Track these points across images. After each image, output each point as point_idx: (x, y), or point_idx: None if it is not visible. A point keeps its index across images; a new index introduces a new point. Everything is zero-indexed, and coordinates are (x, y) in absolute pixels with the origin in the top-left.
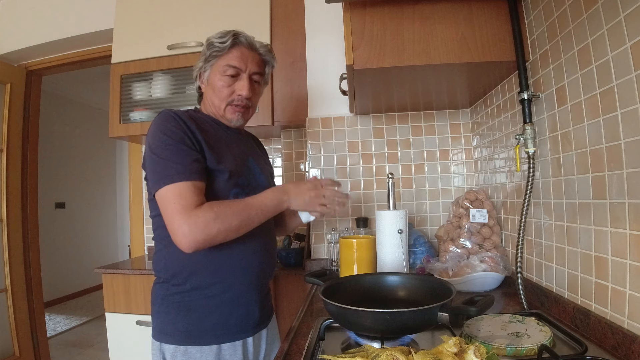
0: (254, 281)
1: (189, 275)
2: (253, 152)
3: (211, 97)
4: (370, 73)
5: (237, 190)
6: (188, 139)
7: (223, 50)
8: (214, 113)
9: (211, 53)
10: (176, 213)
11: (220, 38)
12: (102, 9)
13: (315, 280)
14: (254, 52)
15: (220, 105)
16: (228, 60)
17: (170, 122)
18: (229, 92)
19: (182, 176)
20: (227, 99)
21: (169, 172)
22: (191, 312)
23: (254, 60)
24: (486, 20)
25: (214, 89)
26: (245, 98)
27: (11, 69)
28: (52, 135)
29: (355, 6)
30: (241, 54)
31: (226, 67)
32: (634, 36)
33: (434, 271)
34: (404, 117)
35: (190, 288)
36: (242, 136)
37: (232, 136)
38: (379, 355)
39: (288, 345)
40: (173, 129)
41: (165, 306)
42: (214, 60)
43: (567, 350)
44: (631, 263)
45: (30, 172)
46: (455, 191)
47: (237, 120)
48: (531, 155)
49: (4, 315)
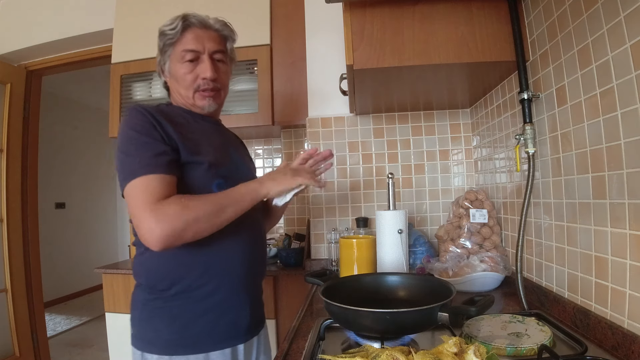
0: (242, 282)
1: (172, 280)
2: (234, 144)
3: (177, 88)
4: (370, 73)
5: (220, 181)
6: (156, 131)
7: (175, 36)
8: (185, 104)
9: (165, 43)
10: (140, 208)
11: (169, 25)
12: (102, 9)
13: (315, 280)
14: (209, 31)
15: (187, 94)
16: (183, 45)
17: (137, 118)
18: (193, 77)
19: (147, 169)
20: (193, 86)
21: (133, 167)
22: (175, 319)
23: (211, 39)
24: (486, 20)
25: (177, 79)
26: (210, 80)
27: (11, 69)
28: (52, 135)
29: (355, 6)
30: (195, 35)
31: (183, 53)
32: (634, 36)
33: (434, 271)
34: (404, 117)
35: (174, 293)
36: (221, 128)
37: (210, 127)
38: (379, 355)
39: (288, 345)
40: (140, 123)
41: (147, 312)
42: (169, 49)
43: (567, 350)
44: (631, 263)
45: (30, 172)
46: (455, 191)
47: (210, 105)
48: (531, 155)
49: (4, 315)
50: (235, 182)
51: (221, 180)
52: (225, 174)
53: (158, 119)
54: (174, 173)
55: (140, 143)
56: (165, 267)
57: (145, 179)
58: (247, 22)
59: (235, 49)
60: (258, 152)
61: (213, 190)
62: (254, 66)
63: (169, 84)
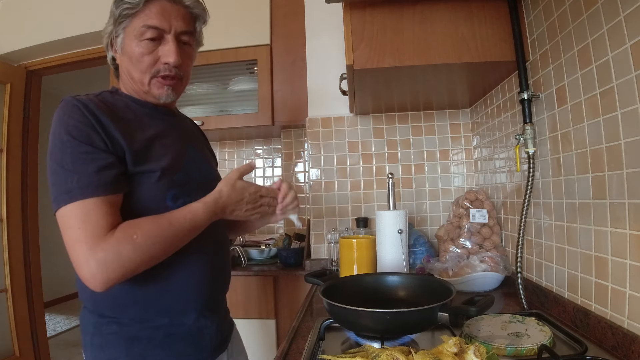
0: (206, 303)
1: (124, 307)
2: (192, 137)
3: (129, 70)
4: (370, 73)
5: (174, 192)
6: (97, 135)
7: (137, 6)
8: (136, 90)
9: (121, 12)
10: (80, 243)
11: None
12: (102, 9)
13: (315, 280)
14: (178, 5)
15: (142, 79)
16: (145, 20)
17: (74, 116)
18: (152, 60)
19: (86, 191)
20: (151, 70)
21: (68, 187)
22: (133, 345)
23: (180, 16)
24: (486, 20)
25: (131, 59)
26: (174, 66)
27: (11, 69)
28: None
29: (355, 6)
30: (161, 9)
31: (144, 29)
32: (634, 36)
33: (434, 271)
34: (404, 117)
35: (129, 320)
36: (176, 118)
37: (162, 121)
38: (379, 355)
39: (288, 345)
40: (77, 125)
41: (100, 338)
42: (126, 21)
43: (567, 350)
44: (631, 263)
45: (30, 172)
46: (455, 191)
47: (168, 95)
48: (531, 155)
49: (4, 315)
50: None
51: (176, 189)
52: (180, 181)
53: (99, 117)
54: (120, 190)
55: (78, 153)
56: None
57: (85, 204)
58: (247, 22)
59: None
60: (258, 152)
61: (167, 202)
62: (254, 66)
63: (118, 62)
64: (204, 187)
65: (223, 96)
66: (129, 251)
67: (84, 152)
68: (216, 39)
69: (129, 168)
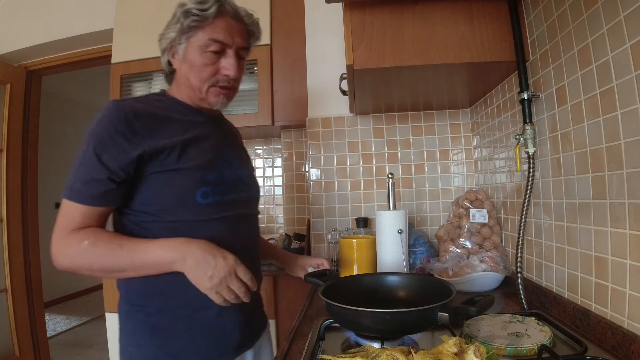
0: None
1: (151, 296)
2: (231, 141)
3: (188, 77)
4: (370, 73)
5: (205, 189)
6: (113, 146)
7: (205, 19)
8: (190, 95)
9: (189, 24)
10: (56, 229)
11: (200, 4)
12: (102, 9)
13: (315, 280)
14: (239, 23)
15: (200, 87)
16: (212, 33)
17: (105, 123)
18: (212, 71)
19: (75, 194)
20: (210, 80)
21: (68, 184)
22: (157, 334)
23: (240, 32)
24: (486, 20)
25: (192, 67)
26: (232, 79)
27: (11, 69)
28: (52, 135)
29: (355, 6)
30: (227, 25)
31: (209, 42)
32: (634, 36)
33: (434, 271)
34: (404, 117)
35: (155, 310)
36: (218, 123)
37: (204, 124)
38: (379, 355)
39: (288, 345)
40: (101, 134)
41: (130, 325)
42: (192, 32)
43: (567, 350)
44: (631, 263)
45: (30, 172)
46: (455, 191)
47: (222, 103)
48: (531, 155)
49: (4, 315)
50: (226, 188)
51: (207, 187)
52: (213, 181)
53: (133, 124)
54: (105, 204)
55: (86, 158)
56: (142, 282)
57: (70, 204)
58: None
59: None
60: (258, 152)
61: (197, 199)
62: (254, 66)
63: (176, 67)
64: (237, 188)
65: None
66: (74, 250)
67: (88, 159)
68: None
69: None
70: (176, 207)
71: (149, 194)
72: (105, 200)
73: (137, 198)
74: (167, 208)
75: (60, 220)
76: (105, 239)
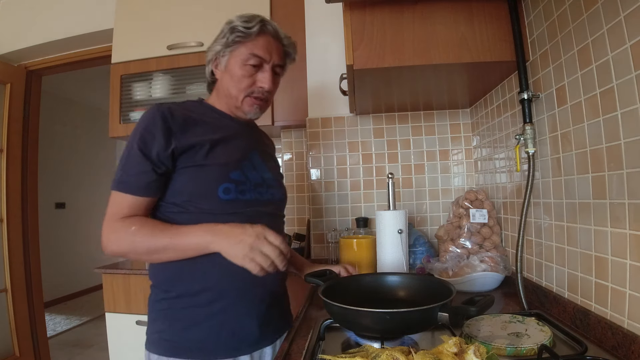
0: (248, 290)
1: (174, 281)
2: (260, 146)
3: (228, 86)
4: (370, 73)
5: (227, 186)
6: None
7: (248, 36)
8: (227, 103)
9: (234, 39)
10: (106, 217)
11: (246, 22)
12: (102, 9)
13: (315, 280)
14: (278, 42)
15: (237, 96)
16: (252, 49)
17: (147, 121)
18: (250, 82)
19: (123, 186)
20: (247, 90)
21: (117, 177)
22: (176, 322)
23: (278, 51)
24: (486, 20)
25: (232, 78)
26: (266, 91)
27: (11, 69)
28: (52, 135)
29: (355, 6)
30: (267, 42)
31: (249, 56)
32: (634, 36)
33: (434, 271)
34: (404, 117)
35: (176, 295)
36: (249, 129)
37: (233, 128)
38: (379, 355)
39: (288, 345)
40: (143, 132)
41: (155, 313)
42: (235, 45)
43: (567, 350)
44: (631, 263)
45: (30, 172)
46: (455, 191)
47: (255, 113)
48: (531, 155)
49: (4, 315)
50: (248, 187)
51: (229, 184)
52: (235, 179)
53: (170, 124)
54: (149, 194)
55: (131, 155)
56: (168, 267)
57: (119, 194)
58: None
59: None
60: None
61: (219, 194)
62: None
63: (218, 77)
64: (259, 188)
65: None
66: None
67: (134, 155)
68: None
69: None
70: (199, 199)
71: (178, 186)
72: (149, 191)
73: (169, 190)
74: (191, 199)
75: (110, 210)
76: (150, 225)
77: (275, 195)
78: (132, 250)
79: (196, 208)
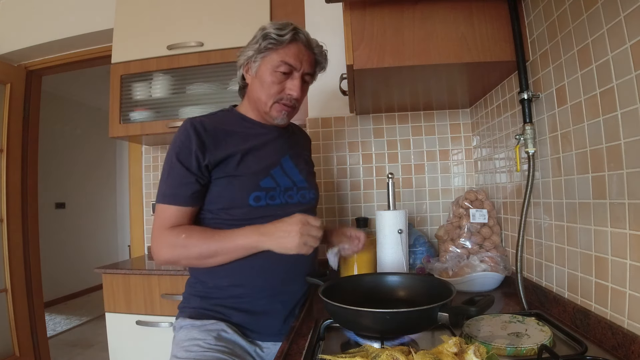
0: (277, 289)
1: (208, 273)
2: (292, 150)
3: (258, 91)
4: (370, 73)
5: (257, 194)
6: (191, 157)
7: (280, 44)
8: (256, 108)
9: (266, 45)
10: (155, 229)
11: (278, 30)
12: (102, 9)
13: (315, 280)
14: (309, 51)
15: (266, 102)
16: (284, 56)
17: (181, 138)
18: (279, 89)
19: (168, 199)
20: (276, 97)
21: (161, 191)
22: (206, 300)
23: (308, 59)
24: (486, 20)
25: (262, 83)
26: (294, 99)
27: (11, 69)
28: (52, 135)
29: (355, 6)
30: (298, 51)
31: (280, 63)
32: (634, 36)
33: (434, 271)
34: (404, 117)
35: (212, 286)
36: (284, 135)
37: (264, 136)
38: (379, 355)
39: (288, 345)
40: (180, 146)
41: (188, 291)
42: (266, 52)
43: (567, 350)
44: (631, 263)
45: (30, 172)
46: (455, 191)
47: (282, 119)
48: (531, 155)
49: (4, 315)
50: (279, 193)
51: (259, 192)
52: (265, 186)
53: (203, 138)
54: (193, 204)
55: (173, 169)
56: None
57: (165, 207)
58: (247, 22)
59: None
60: None
61: (250, 202)
62: None
63: (248, 82)
64: (289, 191)
65: (223, 96)
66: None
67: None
68: (216, 39)
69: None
70: (232, 207)
71: (212, 196)
72: (193, 200)
73: (205, 200)
74: (224, 207)
75: (158, 222)
76: (198, 231)
77: (306, 197)
78: (185, 257)
79: (228, 215)
